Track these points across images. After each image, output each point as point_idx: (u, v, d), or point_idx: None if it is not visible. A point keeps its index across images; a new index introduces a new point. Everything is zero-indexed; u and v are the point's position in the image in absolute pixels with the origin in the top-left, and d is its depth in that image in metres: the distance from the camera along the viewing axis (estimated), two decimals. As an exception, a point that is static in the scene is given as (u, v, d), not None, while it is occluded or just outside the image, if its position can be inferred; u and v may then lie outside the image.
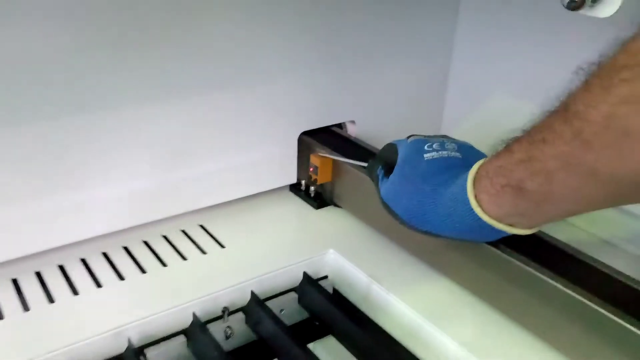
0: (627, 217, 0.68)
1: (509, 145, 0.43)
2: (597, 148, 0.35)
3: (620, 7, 0.37)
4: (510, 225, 0.46)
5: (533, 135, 0.40)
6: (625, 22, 0.33)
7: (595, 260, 0.50)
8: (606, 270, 0.49)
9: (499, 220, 0.45)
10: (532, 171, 0.41)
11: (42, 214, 0.57)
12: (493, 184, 0.44)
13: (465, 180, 0.46)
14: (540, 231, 0.51)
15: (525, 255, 0.50)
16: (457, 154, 0.51)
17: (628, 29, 0.32)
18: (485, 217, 0.46)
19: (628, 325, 0.43)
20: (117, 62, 0.57)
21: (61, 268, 0.58)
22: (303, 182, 0.75)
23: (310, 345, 0.56)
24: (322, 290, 0.60)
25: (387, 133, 0.70)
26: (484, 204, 0.45)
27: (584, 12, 0.39)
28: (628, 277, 0.48)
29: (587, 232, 0.69)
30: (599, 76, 0.34)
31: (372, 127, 0.80)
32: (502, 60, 0.80)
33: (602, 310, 0.44)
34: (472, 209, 0.46)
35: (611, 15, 0.38)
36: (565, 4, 0.38)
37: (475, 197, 0.46)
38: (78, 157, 0.57)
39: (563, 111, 0.37)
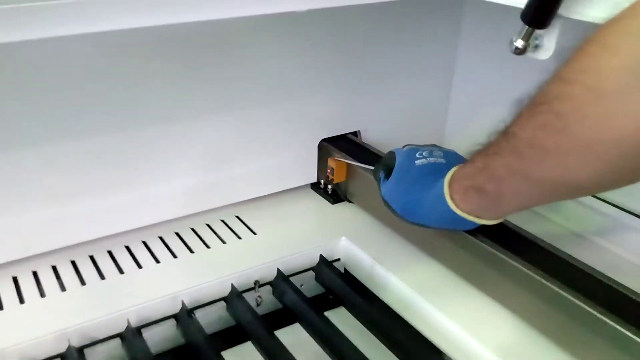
0: (596, 214, 0.77)
1: (473, 156, 0.54)
2: (527, 160, 0.46)
3: (553, 53, 0.49)
4: (478, 217, 0.57)
5: (488, 149, 0.51)
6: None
7: (552, 246, 0.60)
8: (558, 254, 0.59)
9: (469, 214, 0.56)
10: (488, 177, 0.52)
11: (114, 205, 0.70)
12: (462, 186, 0.55)
13: (443, 183, 0.58)
14: (508, 222, 0.62)
15: (496, 242, 0.61)
16: (442, 160, 0.61)
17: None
18: (458, 212, 0.56)
19: (570, 297, 0.53)
20: (175, 86, 0.69)
21: (127, 248, 0.71)
22: (322, 181, 0.84)
23: (325, 314, 0.63)
24: (335, 270, 0.70)
25: (396, 140, 0.76)
26: (457, 201, 0.56)
27: (529, 54, 0.50)
28: (572, 257, 0.58)
29: (562, 226, 0.79)
30: (527, 107, 0.45)
31: (383, 134, 0.89)
32: (499, 76, 0.88)
33: (551, 286, 0.55)
34: (448, 205, 0.57)
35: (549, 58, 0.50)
36: (512, 51, 0.50)
37: (451, 196, 0.56)
38: (142, 160, 0.70)
39: (505, 132, 0.48)
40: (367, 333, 0.63)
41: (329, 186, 0.84)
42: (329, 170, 0.81)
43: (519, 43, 0.50)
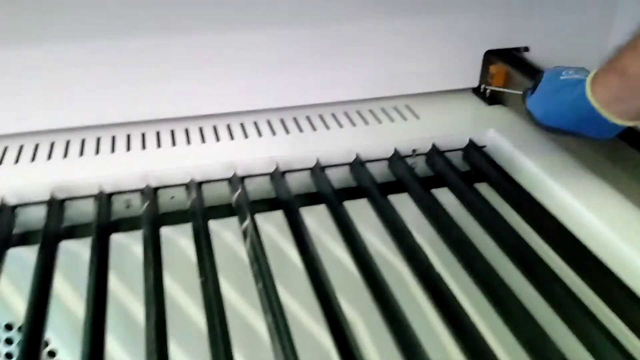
0: None
1: (616, 50, 0.61)
2: None
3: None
4: (614, 112, 0.61)
5: (632, 41, 0.59)
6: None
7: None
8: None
9: (606, 107, 0.61)
10: (632, 56, 0.58)
11: (315, 81, 0.90)
12: (604, 73, 0.62)
13: (585, 81, 0.63)
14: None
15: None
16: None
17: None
18: (595, 104, 0.61)
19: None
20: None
21: (320, 116, 0.91)
22: (482, 85, 0.96)
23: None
24: (481, 152, 0.83)
25: (556, 62, 0.80)
26: (596, 93, 0.61)
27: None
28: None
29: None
30: None
31: (543, 54, 0.96)
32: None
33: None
34: (588, 100, 0.61)
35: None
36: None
37: (592, 88, 0.62)
38: (339, 50, 0.88)
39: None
40: (504, 203, 0.75)
41: (488, 90, 0.95)
42: (489, 76, 0.93)
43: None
